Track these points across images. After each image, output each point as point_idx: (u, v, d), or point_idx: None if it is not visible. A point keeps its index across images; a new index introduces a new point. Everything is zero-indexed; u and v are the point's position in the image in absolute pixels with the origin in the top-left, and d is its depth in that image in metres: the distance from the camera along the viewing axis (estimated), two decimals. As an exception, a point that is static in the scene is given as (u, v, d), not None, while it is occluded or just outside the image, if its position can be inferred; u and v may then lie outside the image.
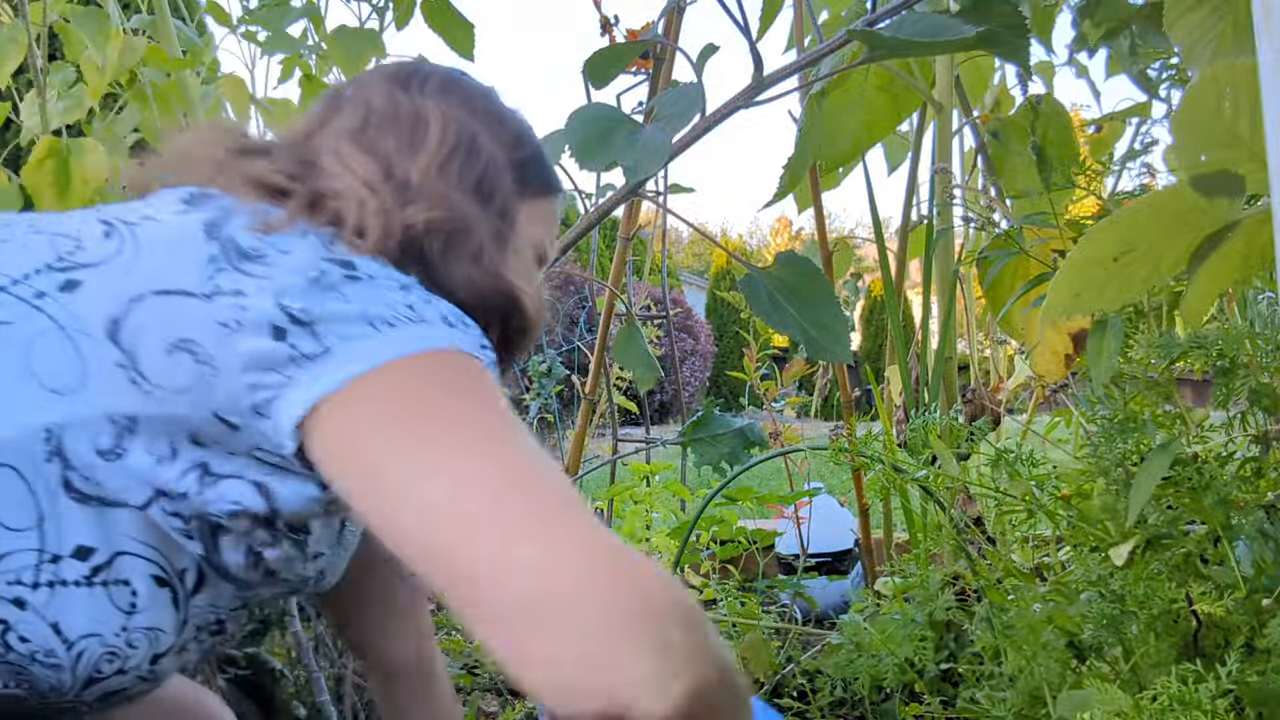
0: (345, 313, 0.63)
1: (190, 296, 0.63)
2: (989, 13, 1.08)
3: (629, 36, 1.73)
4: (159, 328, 0.63)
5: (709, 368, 9.98)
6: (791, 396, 2.98)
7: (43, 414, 0.61)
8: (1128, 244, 0.77)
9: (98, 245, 0.67)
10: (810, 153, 1.50)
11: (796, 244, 14.48)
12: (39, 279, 0.65)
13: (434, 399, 0.61)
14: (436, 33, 1.78)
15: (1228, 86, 0.72)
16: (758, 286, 1.21)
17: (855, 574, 2.05)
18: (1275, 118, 0.57)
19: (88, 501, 0.63)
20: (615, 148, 1.10)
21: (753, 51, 1.18)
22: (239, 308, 0.62)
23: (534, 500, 0.57)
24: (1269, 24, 0.57)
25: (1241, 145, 0.72)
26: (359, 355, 0.61)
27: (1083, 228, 1.09)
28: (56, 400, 0.62)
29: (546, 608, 0.52)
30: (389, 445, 0.59)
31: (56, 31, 1.73)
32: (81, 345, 0.63)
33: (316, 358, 0.61)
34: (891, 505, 1.87)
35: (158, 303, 0.63)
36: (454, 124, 0.80)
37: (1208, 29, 1.04)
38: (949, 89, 1.50)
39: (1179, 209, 0.75)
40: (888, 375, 1.90)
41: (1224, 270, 0.79)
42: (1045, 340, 1.32)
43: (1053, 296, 0.82)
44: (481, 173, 0.80)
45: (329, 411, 0.60)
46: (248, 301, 0.62)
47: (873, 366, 9.68)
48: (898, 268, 1.79)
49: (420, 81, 0.83)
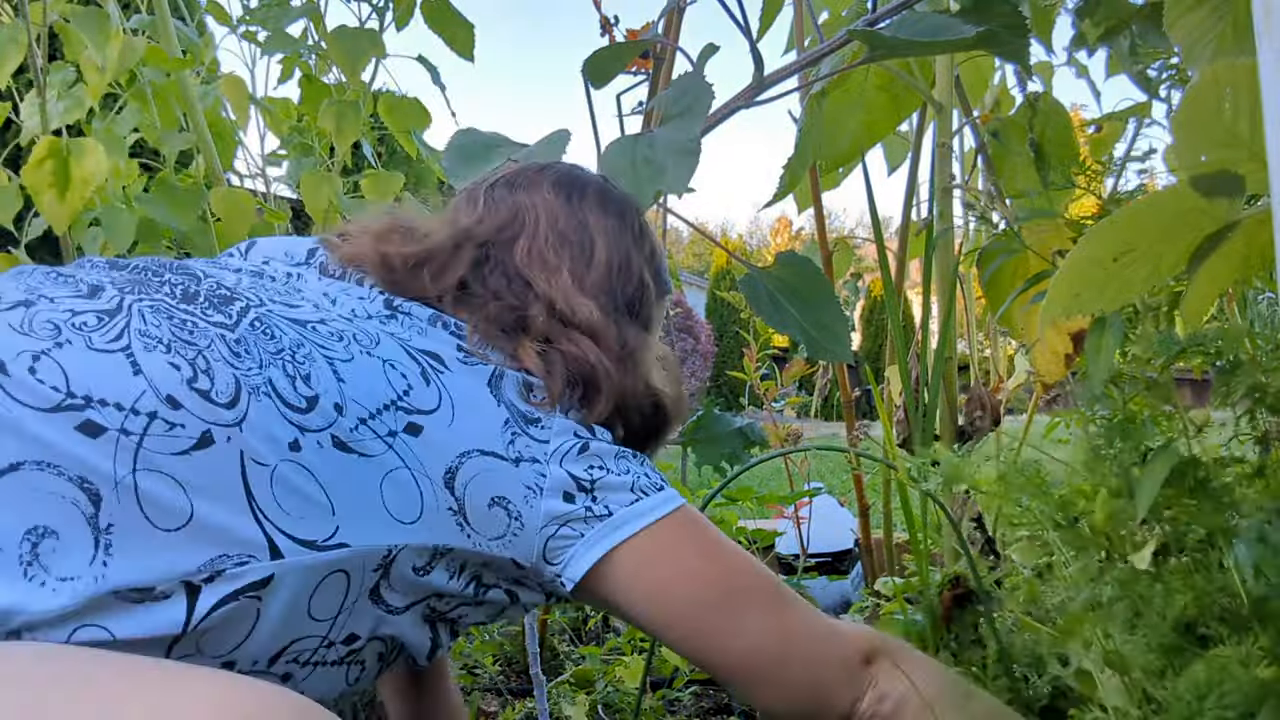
0: (612, 482, 0.80)
1: (502, 460, 0.77)
2: (989, 13, 1.08)
3: (629, 36, 1.73)
4: (482, 484, 0.76)
5: (709, 367, 9.98)
6: (791, 396, 2.98)
7: (389, 537, 0.72)
8: (1128, 244, 0.77)
9: (423, 392, 0.78)
10: (810, 153, 1.50)
11: (796, 244, 14.47)
12: (389, 417, 0.75)
13: (685, 541, 0.82)
14: (437, 33, 1.78)
15: (1228, 86, 0.72)
16: (758, 286, 1.21)
17: (855, 574, 2.05)
18: (1275, 118, 0.57)
19: (379, 604, 0.74)
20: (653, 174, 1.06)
21: (753, 51, 1.18)
22: (539, 474, 0.78)
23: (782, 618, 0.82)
24: (1269, 24, 0.57)
25: (1241, 145, 0.72)
26: (633, 518, 0.79)
27: (1083, 228, 1.09)
28: (400, 528, 0.72)
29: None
30: (680, 590, 0.81)
31: (56, 31, 1.73)
32: (424, 487, 0.74)
33: (603, 519, 0.79)
34: (892, 505, 1.87)
35: (480, 462, 0.77)
36: (615, 243, 0.92)
37: (1208, 29, 1.04)
38: (949, 89, 1.50)
39: (1179, 209, 0.75)
40: (888, 375, 1.89)
41: (1224, 270, 0.79)
42: (1045, 340, 1.32)
43: (1052, 296, 0.82)
44: (634, 291, 0.92)
45: (621, 559, 0.78)
46: (544, 469, 0.78)
47: (873, 366, 9.67)
48: (898, 268, 1.79)
49: (581, 192, 0.94)
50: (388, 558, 0.72)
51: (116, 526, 0.60)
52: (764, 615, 0.81)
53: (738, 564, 0.83)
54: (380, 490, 0.72)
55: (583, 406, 0.85)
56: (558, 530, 0.78)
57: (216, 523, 0.64)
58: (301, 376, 0.72)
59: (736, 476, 1.27)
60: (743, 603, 0.81)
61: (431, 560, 0.75)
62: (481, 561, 0.78)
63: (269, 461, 0.67)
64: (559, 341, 0.85)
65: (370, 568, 0.71)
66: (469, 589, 0.79)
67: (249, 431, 0.67)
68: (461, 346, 0.83)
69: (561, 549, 0.79)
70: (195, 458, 0.65)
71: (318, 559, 0.67)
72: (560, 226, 0.91)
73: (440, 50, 1.81)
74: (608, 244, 0.91)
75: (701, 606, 0.80)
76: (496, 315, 0.86)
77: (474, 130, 1.25)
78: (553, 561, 0.79)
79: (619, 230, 0.93)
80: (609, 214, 0.93)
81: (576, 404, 0.84)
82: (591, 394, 0.85)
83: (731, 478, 1.26)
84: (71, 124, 1.71)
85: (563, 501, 0.78)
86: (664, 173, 1.06)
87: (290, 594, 0.67)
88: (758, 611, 0.81)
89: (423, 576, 0.75)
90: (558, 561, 0.79)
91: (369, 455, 0.72)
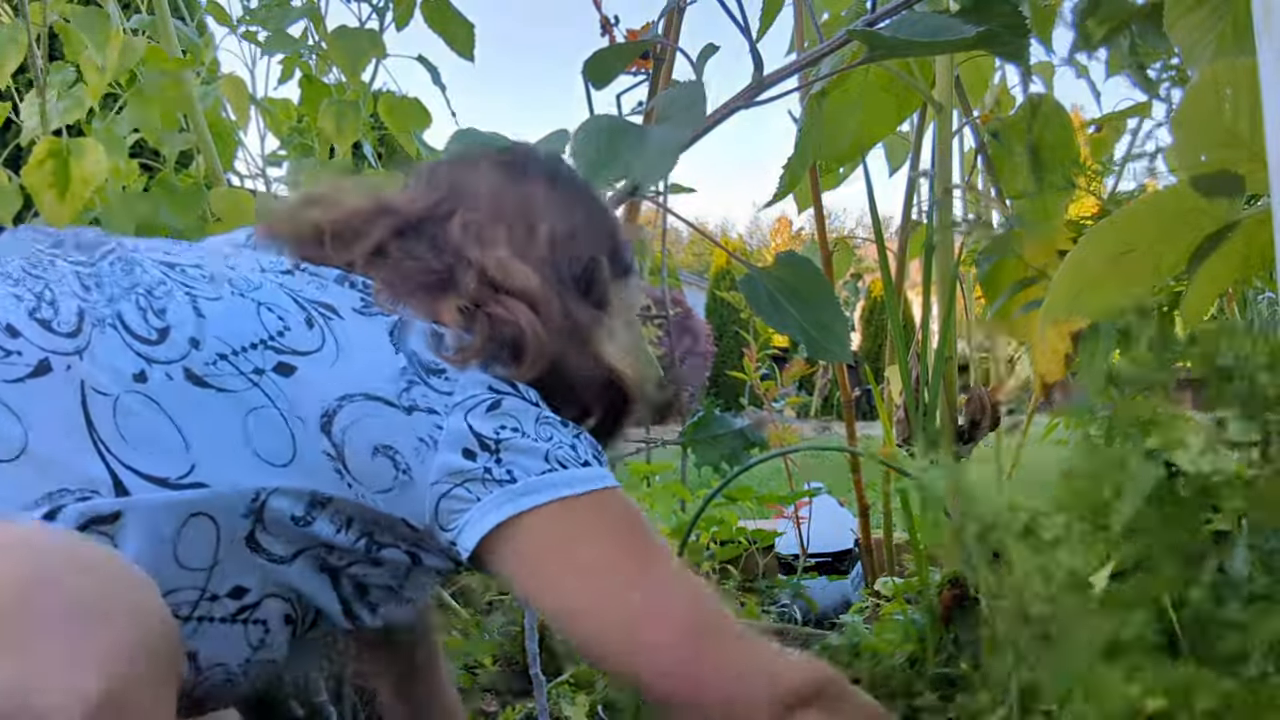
0: (524, 445, 0.73)
1: (391, 406, 0.71)
2: (989, 13, 1.08)
3: (629, 36, 1.73)
4: (364, 430, 0.70)
5: (709, 367, 9.98)
6: (791, 396, 2.98)
7: (256, 478, 0.68)
8: (1128, 244, 0.77)
9: (303, 333, 0.73)
10: (810, 153, 1.50)
11: (796, 244, 14.47)
12: (255, 355, 0.70)
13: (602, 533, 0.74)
14: (437, 33, 1.78)
15: (1228, 86, 0.72)
16: (758, 286, 1.21)
17: (855, 574, 2.05)
18: (1275, 118, 0.57)
19: (259, 552, 0.70)
20: (623, 159, 1.09)
21: (753, 51, 1.18)
22: (434, 426, 0.71)
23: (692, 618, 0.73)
24: (1269, 24, 0.57)
25: (1241, 145, 0.72)
26: (542, 488, 0.72)
27: (1083, 228, 1.09)
28: (269, 470, 0.68)
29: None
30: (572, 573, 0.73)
31: (56, 31, 1.73)
32: (295, 429, 0.69)
33: (504, 484, 0.71)
34: (892, 505, 1.87)
35: (364, 406, 0.71)
36: (562, 218, 0.86)
37: (1208, 29, 1.04)
38: (949, 89, 1.50)
39: (1179, 209, 0.75)
40: (888, 375, 1.89)
41: (1224, 270, 0.79)
42: (1045, 340, 1.32)
43: (1053, 296, 0.82)
44: (584, 267, 0.86)
45: (514, 534, 0.71)
46: (442, 421, 0.71)
47: (873, 366, 9.65)
48: (898, 268, 1.79)
49: (525, 168, 0.90)
50: (257, 501, 0.68)
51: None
52: (676, 644, 0.71)
53: (659, 576, 0.74)
54: (245, 429, 0.68)
55: (509, 366, 0.77)
56: (451, 489, 0.71)
57: (54, 455, 0.62)
58: (155, 310, 0.69)
59: (736, 476, 1.27)
60: (654, 623, 0.71)
61: (311, 509, 0.70)
62: (371, 519, 0.73)
63: (111, 391, 0.65)
64: (488, 304, 0.79)
65: (239, 512, 0.67)
66: (360, 545, 0.73)
67: (90, 361, 0.65)
68: (366, 300, 0.78)
69: (456, 512, 0.72)
70: (30, 385, 0.63)
71: (171, 498, 0.64)
72: (501, 202, 0.86)
73: (440, 50, 1.81)
74: (553, 220, 0.86)
75: (602, 616, 0.72)
76: (414, 273, 0.81)
77: (474, 130, 1.26)
78: (447, 526, 0.72)
79: (567, 207, 0.88)
80: (557, 191, 0.89)
81: (503, 363, 0.77)
82: (519, 356, 0.78)
83: (731, 477, 1.26)
84: (71, 124, 1.71)
85: (461, 458, 0.71)
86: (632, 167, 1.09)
87: (146, 536, 0.63)
88: (669, 637, 0.71)
89: (304, 527, 0.70)
90: (452, 526, 0.72)
91: (228, 391, 0.68)
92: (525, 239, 0.84)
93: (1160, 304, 0.76)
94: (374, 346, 0.74)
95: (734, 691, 0.71)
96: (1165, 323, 0.83)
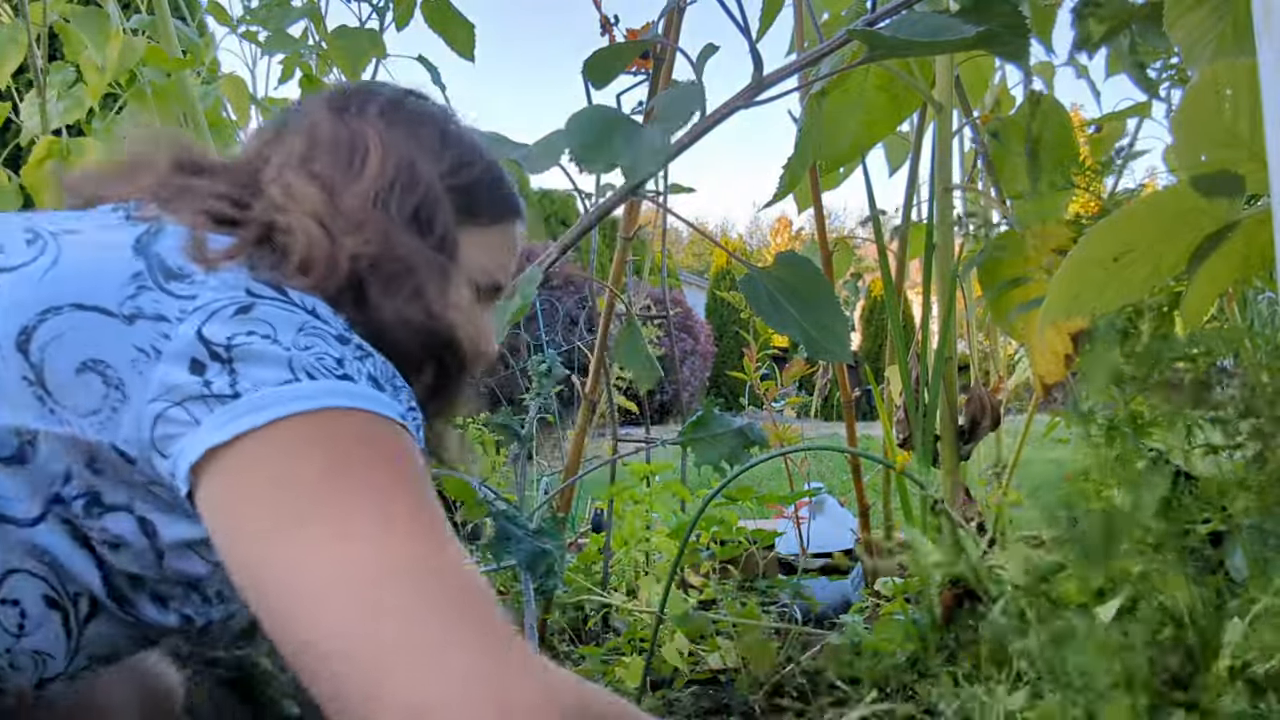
0: (268, 353, 0.59)
1: (108, 316, 0.60)
2: (989, 13, 1.08)
3: (629, 36, 1.73)
4: (70, 344, 0.60)
5: (709, 368, 9.99)
6: (791, 396, 2.98)
7: None
8: (1128, 244, 0.77)
9: (17, 251, 0.64)
10: (810, 153, 1.50)
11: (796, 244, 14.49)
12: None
13: (334, 469, 0.56)
14: (437, 33, 1.78)
15: (1228, 86, 0.72)
16: (758, 286, 1.21)
17: (855, 574, 2.05)
18: (1275, 118, 0.57)
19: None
20: (614, 149, 1.10)
21: (753, 51, 1.18)
22: (160, 335, 0.59)
23: (415, 599, 0.52)
24: (1269, 24, 0.57)
25: (1241, 145, 0.72)
26: (270, 403, 0.56)
27: (1083, 228, 1.09)
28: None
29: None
30: (272, 516, 0.55)
31: (56, 31, 1.73)
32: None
33: (226, 401, 0.57)
34: (892, 505, 1.87)
35: (73, 318, 0.60)
36: (393, 151, 0.77)
37: (1208, 29, 1.04)
38: (949, 89, 1.50)
39: (1179, 209, 0.75)
40: (888, 375, 1.90)
41: (1224, 270, 0.79)
42: (1045, 340, 1.32)
43: (1052, 297, 0.82)
44: (419, 203, 0.76)
45: (223, 464, 0.56)
46: (170, 329, 0.59)
47: (873, 366, 9.67)
48: (898, 268, 1.79)
49: (360, 105, 0.81)
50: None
51: None
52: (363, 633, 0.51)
53: (395, 542, 0.54)
54: None
55: (293, 275, 0.67)
56: (167, 409, 0.58)
57: None
58: None
59: (736, 476, 1.27)
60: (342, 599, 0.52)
61: (23, 450, 0.59)
62: (85, 458, 0.60)
63: None
64: (278, 217, 0.70)
65: None
66: (81, 503, 0.61)
67: None
68: (127, 216, 0.70)
69: (173, 438, 0.58)
70: None
71: None
72: (323, 136, 0.78)
73: (441, 50, 1.81)
74: (383, 153, 0.77)
75: (290, 580, 0.53)
76: (197, 192, 0.72)
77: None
78: (165, 453, 0.58)
79: (403, 140, 0.79)
80: (394, 125, 0.80)
81: (277, 268, 0.66)
82: (306, 266, 0.67)
83: (731, 478, 1.26)
84: (71, 124, 1.72)
85: (187, 371, 0.58)
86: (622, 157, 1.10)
87: None
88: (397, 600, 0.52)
89: (23, 473, 0.59)
90: (169, 454, 0.58)
91: None
92: (346, 170, 0.76)
93: (1160, 304, 0.76)
94: (105, 255, 0.64)
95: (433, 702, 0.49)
96: (1165, 323, 0.83)
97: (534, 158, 1.19)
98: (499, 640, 0.53)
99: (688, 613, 1.54)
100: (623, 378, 2.37)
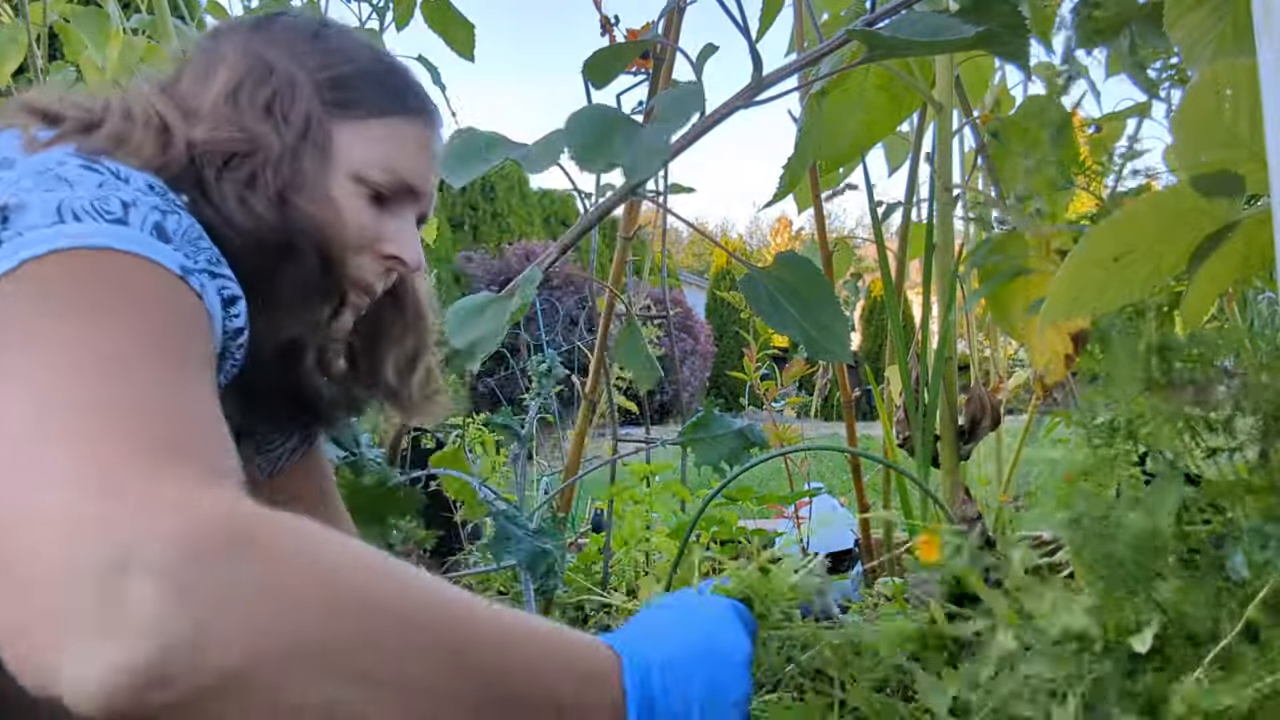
0: (43, 202, 0.56)
1: None
2: (989, 13, 1.08)
3: (629, 36, 1.73)
4: None
5: (709, 368, 9.99)
6: (791, 396, 2.98)
7: None
8: (1128, 244, 0.77)
9: None
10: (810, 153, 1.50)
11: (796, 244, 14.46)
12: None
13: (54, 307, 0.52)
14: (437, 33, 1.78)
15: (1228, 86, 0.72)
16: (758, 286, 1.21)
17: (855, 574, 2.05)
18: (1275, 118, 0.57)
19: None
20: (614, 149, 1.10)
21: (752, 51, 1.18)
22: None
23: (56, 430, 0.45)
24: (1269, 24, 0.57)
25: (1241, 145, 0.72)
26: (29, 245, 0.53)
27: (1083, 228, 1.09)
28: None
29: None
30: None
31: (56, 31, 1.73)
32: None
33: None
34: (892, 505, 1.87)
35: None
36: (249, 56, 0.76)
37: (1208, 29, 1.04)
38: (949, 89, 1.50)
39: (1179, 209, 0.75)
40: (888, 375, 1.90)
41: (1224, 270, 0.79)
42: (1045, 340, 1.32)
43: (1053, 297, 0.82)
44: (272, 94, 0.75)
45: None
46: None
47: (873, 366, 9.68)
48: (898, 268, 1.79)
49: (232, 28, 0.82)
50: None
51: None
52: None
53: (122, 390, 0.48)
54: None
55: (108, 149, 0.65)
56: None
57: None
58: None
59: (736, 476, 1.27)
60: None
61: None
62: None
63: None
64: (110, 113, 0.69)
65: None
66: None
67: None
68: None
69: None
70: None
71: None
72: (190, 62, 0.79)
73: (441, 50, 1.81)
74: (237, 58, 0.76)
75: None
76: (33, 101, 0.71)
77: (473, 130, 1.26)
78: None
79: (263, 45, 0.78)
80: (256, 34, 0.79)
81: (117, 155, 0.64)
82: (122, 140, 0.66)
83: (731, 478, 1.26)
84: (71, 124, 1.71)
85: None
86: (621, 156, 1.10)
87: None
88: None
89: None
90: None
91: None
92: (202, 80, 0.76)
93: (1160, 304, 0.76)
94: None
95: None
96: (1165, 323, 0.83)
97: (534, 158, 1.19)
98: (139, 470, 0.44)
99: (688, 613, 1.54)
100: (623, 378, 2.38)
